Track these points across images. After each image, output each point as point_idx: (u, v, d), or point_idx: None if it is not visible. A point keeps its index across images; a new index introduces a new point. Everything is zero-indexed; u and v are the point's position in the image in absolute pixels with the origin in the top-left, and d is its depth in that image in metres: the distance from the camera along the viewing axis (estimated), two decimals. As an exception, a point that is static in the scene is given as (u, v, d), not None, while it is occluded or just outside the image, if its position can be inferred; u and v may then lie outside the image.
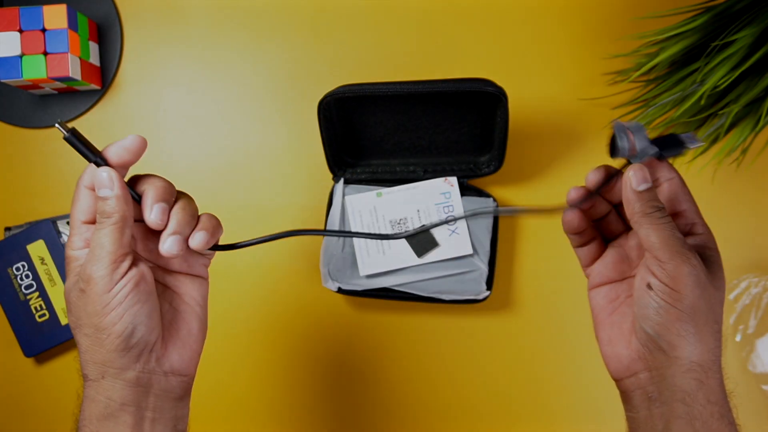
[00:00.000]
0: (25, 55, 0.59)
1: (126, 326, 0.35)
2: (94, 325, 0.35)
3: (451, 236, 0.59)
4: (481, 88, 0.53)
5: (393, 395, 0.63)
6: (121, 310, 0.35)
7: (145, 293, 0.36)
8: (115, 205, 0.36)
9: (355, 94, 0.54)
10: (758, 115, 0.55)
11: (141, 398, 0.36)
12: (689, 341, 0.36)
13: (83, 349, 0.36)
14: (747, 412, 0.62)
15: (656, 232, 0.37)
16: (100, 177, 0.36)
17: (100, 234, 0.36)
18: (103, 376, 0.36)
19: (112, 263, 0.35)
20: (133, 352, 0.36)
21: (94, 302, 0.35)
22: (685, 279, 0.35)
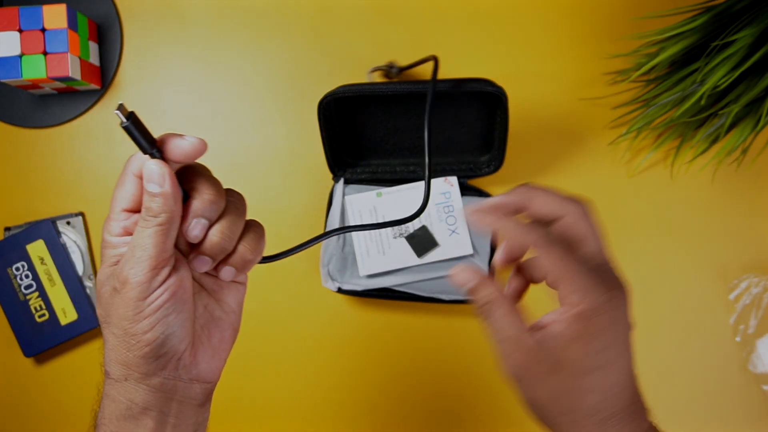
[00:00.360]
0: (25, 55, 0.59)
1: (157, 336, 0.34)
2: (124, 328, 0.33)
3: (452, 236, 0.59)
4: (481, 88, 0.53)
5: (393, 395, 0.63)
6: (154, 319, 0.33)
7: (181, 302, 0.34)
8: (163, 205, 0.33)
9: (355, 93, 0.54)
10: (758, 115, 0.55)
11: (164, 404, 0.35)
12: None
13: (109, 347, 0.35)
14: (747, 412, 0.62)
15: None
16: (150, 170, 0.32)
17: (144, 234, 0.33)
18: (126, 379, 0.34)
19: (152, 269, 0.33)
20: (162, 360, 0.34)
21: (126, 306, 0.33)
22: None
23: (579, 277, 0.35)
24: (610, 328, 0.35)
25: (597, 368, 0.35)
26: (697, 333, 0.62)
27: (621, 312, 0.35)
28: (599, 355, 0.35)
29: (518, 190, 0.39)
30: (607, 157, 0.64)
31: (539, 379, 0.36)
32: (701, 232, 0.63)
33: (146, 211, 0.33)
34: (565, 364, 0.35)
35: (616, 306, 0.35)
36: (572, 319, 0.35)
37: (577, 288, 0.35)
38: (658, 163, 0.63)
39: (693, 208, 0.63)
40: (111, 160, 0.65)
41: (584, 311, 0.34)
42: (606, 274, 0.36)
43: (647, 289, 0.63)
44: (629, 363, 0.36)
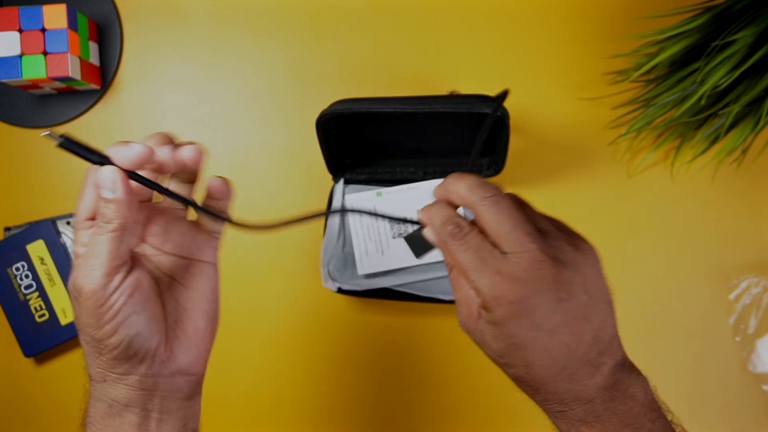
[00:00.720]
0: (25, 55, 0.59)
1: (122, 339, 0.33)
2: (90, 334, 0.34)
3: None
4: (483, 109, 0.51)
5: (393, 395, 0.63)
6: (115, 323, 0.33)
7: (141, 301, 0.34)
8: (116, 210, 0.33)
9: (354, 112, 0.53)
10: (758, 115, 0.55)
11: (146, 400, 0.35)
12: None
13: (85, 352, 0.35)
14: (747, 412, 0.62)
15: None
16: (103, 176, 0.33)
17: (98, 241, 0.33)
18: (105, 380, 0.35)
19: (106, 276, 0.33)
20: (134, 360, 0.34)
21: (87, 314, 0.33)
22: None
23: (476, 284, 0.34)
24: (508, 325, 0.34)
25: (506, 353, 0.35)
26: (697, 333, 0.62)
27: (521, 310, 0.34)
28: (503, 343, 0.34)
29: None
30: (607, 157, 0.64)
31: (478, 341, 0.36)
32: (701, 232, 0.63)
33: (101, 218, 0.33)
34: (486, 341, 0.35)
35: (513, 306, 0.34)
36: (480, 307, 0.35)
37: (474, 289, 0.35)
38: (658, 163, 0.63)
39: (693, 208, 0.63)
40: (111, 160, 0.65)
41: (481, 305, 0.35)
42: (512, 267, 0.34)
43: (647, 289, 0.63)
44: (549, 347, 0.34)
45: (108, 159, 0.33)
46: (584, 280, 0.34)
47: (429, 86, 0.64)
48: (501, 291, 0.33)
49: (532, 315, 0.33)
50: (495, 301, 0.33)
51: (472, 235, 0.35)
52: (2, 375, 0.64)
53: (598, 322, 0.34)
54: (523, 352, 0.34)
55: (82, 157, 0.33)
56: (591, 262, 0.36)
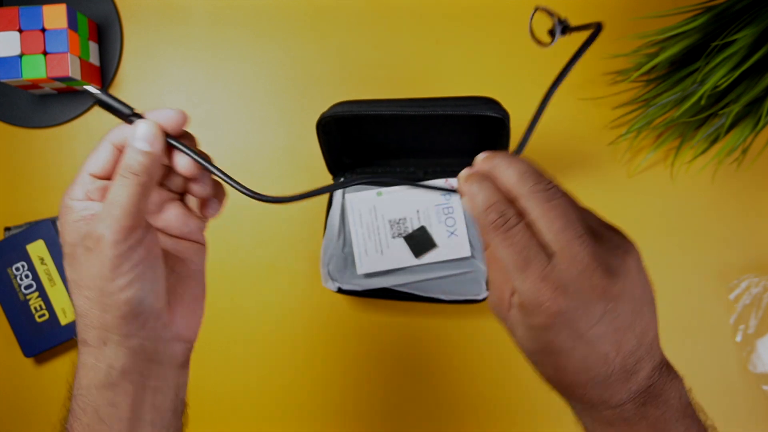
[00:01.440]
0: (25, 55, 0.59)
1: (135, 293, 0.33)
2: (99, 288, 0.32)
3: (450, 237, 0.59)
4: (484, 112, 0.52)
5: (393, 395, 0.63)
6: (132, 276, 0.32)
7: (155, 259, 0.34)
8: (148, 163, 0.33)
9: (354, 115, 0.53)
10: (758, 115, 0.55)
11: (144, 366, 0.34)
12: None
13: (81, 312, 0.33)
14: (747, 412, 0.62)
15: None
16: (143, 128, 0.33)
17: (121, 192, 0.32)
18: (105, 343, 0.33)
19: (128, 227, 0.32)
20: (140, 319, 0.33)
21: (102, 264, 0.32)
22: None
23: (517, 283, 0.32)
24: (547, 333, 0.32)
25: (539, 354, 0.33)
26: (697, 333, 0.62)
27: (565, 321, 0.31)
28: (537, 345, 0.33)
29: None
30: (607, 157, 0.64)
31: (507, 326, 0.35)
32: (701, 232, 0.63)
33: (126, 168, 0.33)
34: (518, 335, 0.34)
35: (556, 317, 0.31)
36: (517, 307, 0.33)
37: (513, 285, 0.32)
38: (658, 163, 0.63)
39: (693, 208, 0.63)
40: (111, 160, 0.65)
41: (519, 306, 0.33)
42: (562, 274, 0.31)
43: (647, 289, 0.63)
44: (587, 356, 0.32)
45: (141, 116, 0.34)
46: (632, 287, 0.32)
47: (429, 86, 0.64)
48: (544, 299, 0.30)
49: (574, 326, 0.31)
50: (536, 308, 0.31)
51: (518, 230, 0.31)
52: (2, 375, 0.64)
53: (641, 328, 0.32)
54: (557, 358, 0.32)
55: (115, 112, 0.33)
56: (637, 264, 0.33)
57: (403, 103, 0.53)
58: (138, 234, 0.33)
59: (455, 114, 0.51)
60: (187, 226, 0.38)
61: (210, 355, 0.64)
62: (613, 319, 0.31)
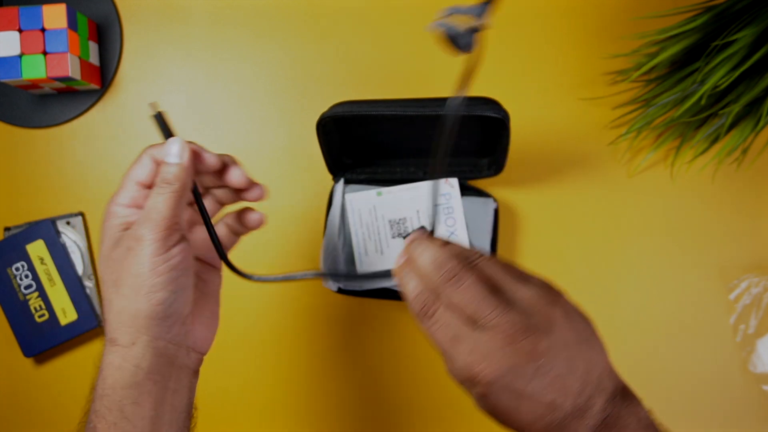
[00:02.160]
0: (25, 55, 0.59)
1: (170, 295, 0.36)
2: (137, 286, 0.35)
3: (450, 238, 0.59)
4: (484, 112, 0.52)
5: (393, 395, 0.63)
6: (168, 277, 0.36)
7: (188, 267, 0.37)
8: (179, 173, 0.37)
9: (354, 115, 0.53)
10: (758, 115, 0.55)
11: (166, 369, 0.37)
12: None
13: (116, 310, 0.36)
14: (747, 412, 0.62)
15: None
16: (173, 145, 0.38)
17: (159, 200, 0.37)
18: (134, 343, 0.36)
19: (166, 229, 0.36)
20: (168, 321, 0.36)
21: (141, 262, 0.35)
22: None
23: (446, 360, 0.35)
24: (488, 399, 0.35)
25: (490, 413, 0.36)
26: (697, 333, 0.62)
27: (499, 385, 0.34)
28: (484, 408, 0.36)
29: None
30: (607, 157, 0.64)
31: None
32: (701, 232, 0.63)
33: (162, 180, 0.37)
34: (473, 395, 0.36)
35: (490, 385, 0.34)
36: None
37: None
38: (658, 163, 0.63)
39: (693, 208, 0.63)
40: (111, 160, 0.65)
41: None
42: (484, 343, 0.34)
43: (647, 289, 0.63)
44: (531, 410, 0.34)
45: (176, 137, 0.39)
46: (563, 336, 0.34)
47: (429, 86, 0.64)
48: (476, 371, 0.33)
49: (511, 388, 0.33)
50: (471, 380, 0.33)
51: (441, 313, 0.35)
52: (2, 375, 0.64)
53: (583, 368, 0.34)
54: (507, 416, 0.34)
55: (162, 131, 0.39)
56: (563, 311, 0.35)
57: (403, 103, 0.53)
58: (175, 238, 0.37)
59: None
60: (209, 250, 0.42)
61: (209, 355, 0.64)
62: (548, 372, 0.33)
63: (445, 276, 0.34)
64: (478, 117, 0.52)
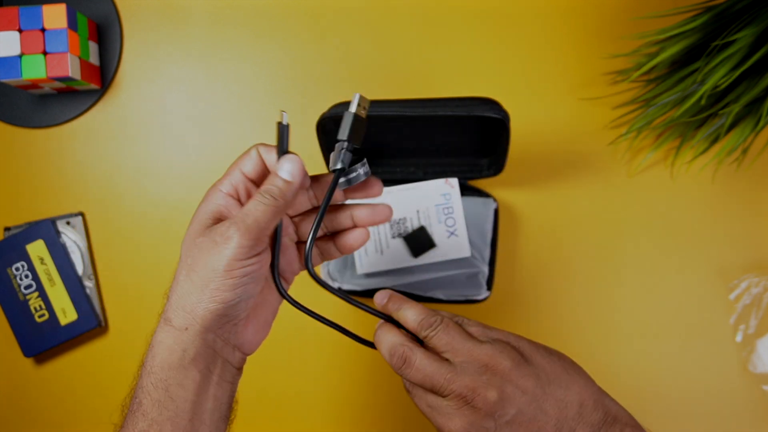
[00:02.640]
0: (25, 55, 0.59)
1: (234, 297, 0.37)
2: (208, 279, 0.36)
3: (450, 238, 0.59)
4: (484, 112, 0.51)
5: (393, 395, 0.63)
6: (239, 281, 0.36)
7: (260, 276, 0.38)
8: (288, 192, 0.38)
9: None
10: (758, 115, 0.55)
11: (211, 359, 0.38)
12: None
13: (180, 293, 0.37)
14: (747, 412, 0.62)
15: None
16: (292, 160, 0.38)
17: (258, 207, 0.37)
18: (187, 328, 0.37)
19: (256, 238, 0.36)
20: (224, 319, 0.37)
21: (220, 261, 0.36)
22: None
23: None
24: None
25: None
26: (697, 333, 0.62)
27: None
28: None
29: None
30: (608, 157, 0.64)
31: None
32: (701, 232, 0.63)
33: (268, 191, 0.37)
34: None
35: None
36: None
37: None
38: (658, 163, 0.63)
39: (693, 208, 0.63)
40: (111, 160, 0.65)
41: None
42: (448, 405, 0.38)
43: (647, 289, 0.63)
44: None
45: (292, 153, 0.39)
46: (520, 383, 0.37)
47: (429, 86, 0.64)
48: (449, 429, 0.37)
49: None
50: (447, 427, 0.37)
51: (411, 388, 0.40)
52: (2, 375, 0.64)
53: (556, 408, 0.37)
54: None
55: (281, 142, 0.39)
56: (523, 358, 0.38)
57: (404, 103, 0.53)
58: (259, 248, 0.37)
59: (455, 115, 0.51)
60: (293, 266, 0.43)
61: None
62: (516, 418, 0.36)
63: (397, 362, 0.39)
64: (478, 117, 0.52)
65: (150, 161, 0.65)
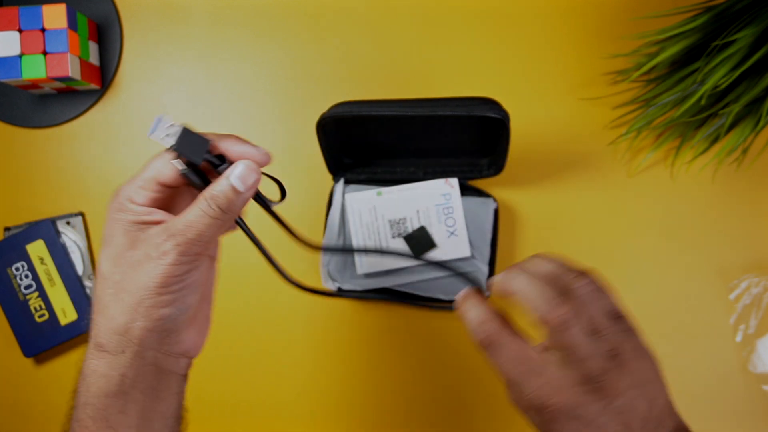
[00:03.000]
0: (25, 55, 0.59)
1: (173, 311, 0.33)
2: (140, 298, 0.33)
3: (450, 238, 0.59)
4: (484, 113, 0.51)
5: (393, 395, 0.63)
6: (177, 296, 0.33)
7: (200, 284, 0.35)
8: (236, 202, 0.34)
9: (354, 115, 0.53)
10: (758, 115, 0.55)
11: (153, 378, 0.35)
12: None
13: (109, 315, 0.33)
14: (747, 412, 0.62)
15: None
16: (247, 172, 0.35)
17: (201, 219, 0.33)
18: (123, 351, 0.33)
19: (197, 251, 0.33)
20: (163, 334, 0.34)
21: (154, 276, 0.32)
22: None
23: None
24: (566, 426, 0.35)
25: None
26: (697, 333, 0.62)
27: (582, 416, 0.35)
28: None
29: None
30: (607, 157, 0.64)
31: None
32: (701, 232, 0.63)
33: (213, 199, 0.34)
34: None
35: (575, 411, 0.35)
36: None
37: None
38: (658, 163, 0.63)
39: (693, 208, 0.63)
40: (111, 160, 0.65)
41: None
42: (584, 375, 0.35)
43: (647, 289, 0.63)
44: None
45: (226, 162, 0.36)
46: (632, 376, 0.34)
47: (429, 86, 0.64)
48: (546, 400, 0.33)
49: (580, 419, 0.33)
50: (540, 408, 0.34)
51: (509, 345, 0.35)
52: (2, 375, 0.64)
53: (646, 406, 0.34)
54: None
55: (191, 151, 0.35)
56: (636, 351, 0.36)
57: (403, 103, 0.53)
58: (200, 261, 0.34)
59: (455, 115, 0.52)
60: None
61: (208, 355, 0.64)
62: (615, 407, 0.33)
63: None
64: (478, 117, 0.52)
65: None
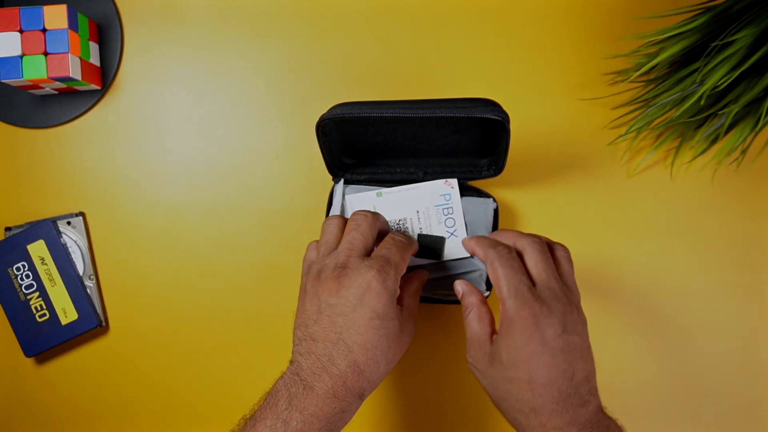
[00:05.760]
0: (26, 56, 0.59)
1: (388, 369, 0.45)
2: (375, 357, 0.42)
3: (450, 238, 0.59)
4: (484, 114, 0.51)
5: (393, 395, 0.63)
6: (400, 355, 0.46)
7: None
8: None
9: (354, 117, 0.53)
10: (758, 115, 0.55)
11: (338, 418, 0.42)
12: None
13: (324, 361, 0.43)
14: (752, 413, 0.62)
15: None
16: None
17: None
18: (336, 396, 0.41)
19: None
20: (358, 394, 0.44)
21: (401, 342, 0.44)
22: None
23: (507, 292, 0.44)
24: (524, 333, 0.42)
25: (515, 364, 0.42)
26: (698, 333, 0.62)
27: (539, 323, 0.42)
28: (515, 352, 0.42)
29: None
30: (607, 158, 0.64)
31: (484, 369, 0.45)
32: (701, 232, 0.63)
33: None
34: (496, 358, 0.44)
35: (534, 318, 0.42)
36: (501, 323, 0.44)
37: (503, 300, 0.44)
38: (657, 164, 0.63)
39: (693, 208, 0.63)
40: (111, 160, 0.65)
41: (504, 318, 0.44)
42: (541, 293, 0.44)
43: (646, 289, 0.63)
44: (551, 365, 0.41)
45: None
46: (584, 331, 0.44)
47: (429, 86, 0.64)
48: (527, 303, 0.42)
49: (543, 333, 0.41)
50: (518, 310, 0.42)
51: (516, 261, 0.46)
52: (2, 375, 0.64)
53: (589, 368, 0.43)
54: (527, 365, 0.41)
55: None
56: (584, 325, 0.45)
57: (403, 104, 0.53)
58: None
59: (455, 116, 0.52)
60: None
61: (208, 354, 0.64)
62: (570, 341, 0.42)
63: (533, 245, 0.48)
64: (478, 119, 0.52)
65: (150, 161, 0.65)
